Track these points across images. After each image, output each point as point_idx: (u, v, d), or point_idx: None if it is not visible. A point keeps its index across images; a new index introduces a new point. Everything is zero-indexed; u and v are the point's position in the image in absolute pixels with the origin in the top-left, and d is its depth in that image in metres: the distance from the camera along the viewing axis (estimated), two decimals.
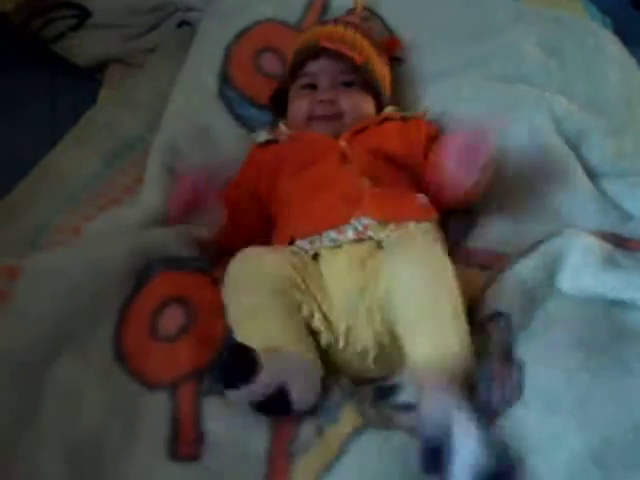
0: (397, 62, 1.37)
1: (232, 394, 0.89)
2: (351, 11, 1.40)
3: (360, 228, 1.05)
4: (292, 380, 0.88)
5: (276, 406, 0.89)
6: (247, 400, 0.88)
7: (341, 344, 0.99)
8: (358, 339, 0.99)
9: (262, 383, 0.86)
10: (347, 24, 1.30)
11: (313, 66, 1.26)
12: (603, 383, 0.89)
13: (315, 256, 1.05)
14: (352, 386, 0.98)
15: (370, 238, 1.05)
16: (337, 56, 1.24)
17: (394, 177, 1.16)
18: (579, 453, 0.82)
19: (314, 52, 1.26)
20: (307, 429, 0.91)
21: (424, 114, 1.30)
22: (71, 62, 1.63)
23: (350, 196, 1.09)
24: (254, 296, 0.98)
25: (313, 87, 1.26)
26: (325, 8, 1.47)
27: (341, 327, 0.99)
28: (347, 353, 1.00)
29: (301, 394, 0.89)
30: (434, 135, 1.24)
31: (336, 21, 1.32)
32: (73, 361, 0.94)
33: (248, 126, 1.34)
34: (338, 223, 1.06)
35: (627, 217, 1.22)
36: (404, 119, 1.26)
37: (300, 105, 1.25)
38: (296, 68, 1.27)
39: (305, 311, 0.99)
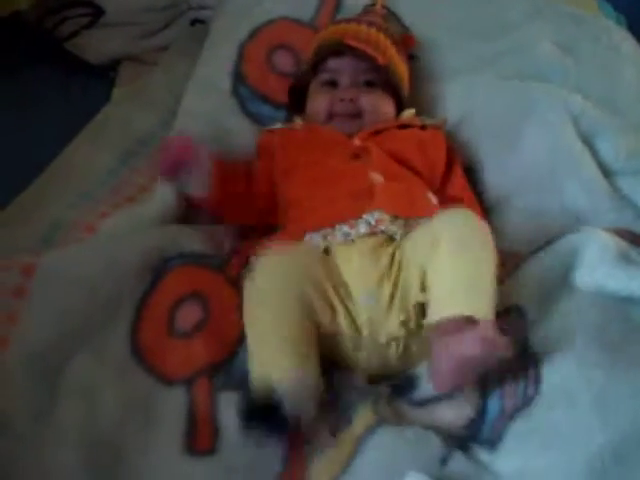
0: (412, 59, 1.37)
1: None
2: (369, 8, 1.39)
3: (373, 222, 1.05)
4: (287, 399, 0.87)
5: (269, 421, 0.88)
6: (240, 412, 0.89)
7: (364, 333, 0.99)
8: (382, 329, 0.99)
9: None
10: (371, 24, 1.29)
11: (335, 63, 1.25)
12: (620, 380, 0.89)
13: (326, 250, 1.05)
14: (367, 385, 0.98)
15: (382, 232, 1.05)
16: (361, 55, 1.24)
17: (406, 176, 1.16)
18: (599, 450, 0.82)
19: (338, 49, 1.25)
20: (322, 430, 0.92)
21: (443, 122, 1.30)
22: (84, 60, 1.63)
23: (362, 190, 1.09)
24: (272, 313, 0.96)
25: (334, 84, 1.25)
26: (338, 6, 1.47)
27: (362, 317, 0.99)
28: (370, 348, 1.00)
29: (295, 413, 0.88)
30: (449, 157, 1.23)
31: (360, 20, 1.32)
32: (90, 357, 0.95)
33: (261, 124, 1.33)
34: (350, 217, 1.06)
35: None
36: (423, 127, 1.25)
37: (320, 102, 1.24)
38: (318, 63, 1.27)
39: (325, 317, 0.98)
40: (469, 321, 0.89)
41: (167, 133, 1.31)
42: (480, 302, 0.92)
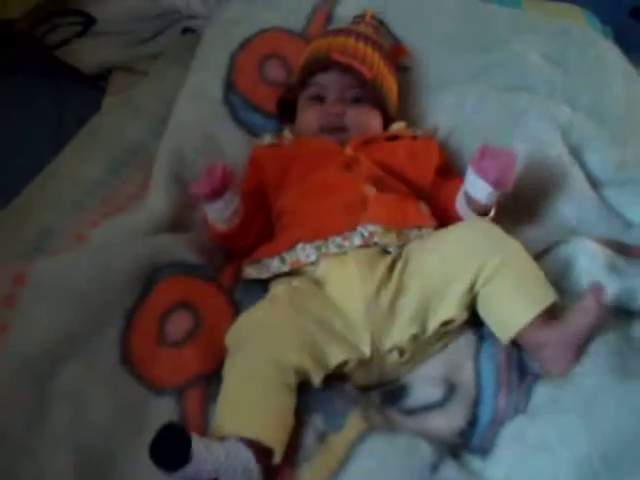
0: (402, 70, 1.38)
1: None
2: (359, 19, 1.40)
3: (366, 234, 1.05)
4: (225, 476, 0.84)
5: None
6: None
7: (367, 355, 0.98)
8: (386, 338, 0.99)
9: (192, 472, 0.82)
10: (359, 36, 1.30)
11: (322, 78, 1.26)
12: (609, 386, 0.91)
13: (316, 262, 1.05)
14: (357, 392, 0.99)
15: (375, 244, 1.05)
16: (347, 70, 1.24)
17: (397, 187, 1.16)
18: (587, 453, 0.84)
19: (325, 64, 1.26)
20: (311, 437, 0.92)
21: (434, 132, 1.31)
22: (76, 68, 1.64)
23: (355, 202, 1.10)
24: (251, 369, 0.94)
25: (321, 99, 1.26)
26: (329, 17, 1.47)
27: (365, 338, 0.99)
28: (371, 364, 1.00)
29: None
30: (444, 163, 1.25)
31: (349, 31, 1.32)
32: (81, 366, 0.95)
33: (253, 133, 1.34)
34: (344, 230, 1.06)
35: (629, 225, 1.23)
36: (415, 138, 1.26)
37: (309, 118, 1.25)
38: (305, 78, 1.28)
39: (331, 354, 0.97)
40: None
41: (158, 142, 1.32)
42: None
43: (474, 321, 1.03)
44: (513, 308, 0.98)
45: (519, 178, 1.25)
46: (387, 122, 1.29)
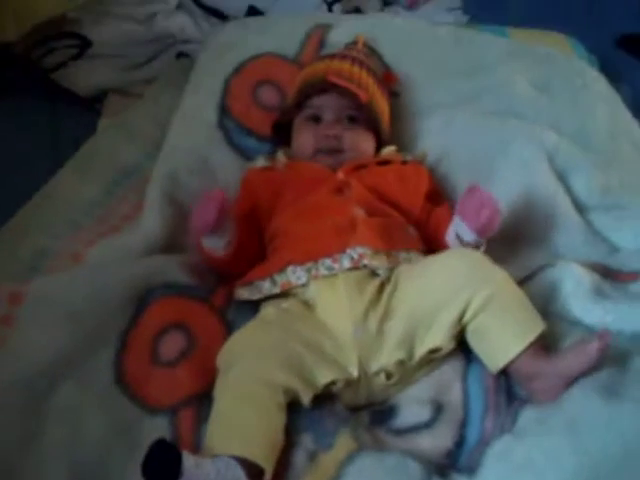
0: (393, 96, 1.40)
1: None
2: (351, 45, 1.42)
3: (355, 257, 1.07)
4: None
5: None
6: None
7: (355, 374, 1.00)
8: (373, 360, 1.01)
9: None
10: (354, 60, 1.32)
11: (319, 100, 1.28)
12: (595, 407, 0.91)
13: (306, 284, 1.07)
14: (347, 412, 1.00)
15: (365, 266, 1.07)
16: (344, 93, 1.27)
17: (387, 212, 1.18)
18: (573, 474, 0.84)
19: (322, 87, 1.28)
20: (301, 456, 0.93)
21: (423, 157, 1.33)
22: (71, 91, 1.66)
23: (345, 225, 1.12)
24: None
25: (317, 119, 1.28)
26: (322, 43, 1.50)
27: (353, 359, 1.00)
28: (359, 385, 1.01)
29: None
30: (433, 188, 1.27)
31: (344, 56, 1.35)
32: (75, 385, 0.96)
33: (246, 156, 1.36)
34: (333, 252, 1.08)
35: (614, 249, 1.25)
36: (404, 162, 1.28)
37: (305, 139, 1.27)
38: (302, 100, 1.30)
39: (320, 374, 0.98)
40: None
41: (152, 164, 1.34)
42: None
43: (462, 344, 1.04)
44: (502, 340, 0.99)
45: (505, 200, 1.27)
46: (379, 145, 1.31)
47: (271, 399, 0.93)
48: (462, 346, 1.04)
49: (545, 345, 1.00)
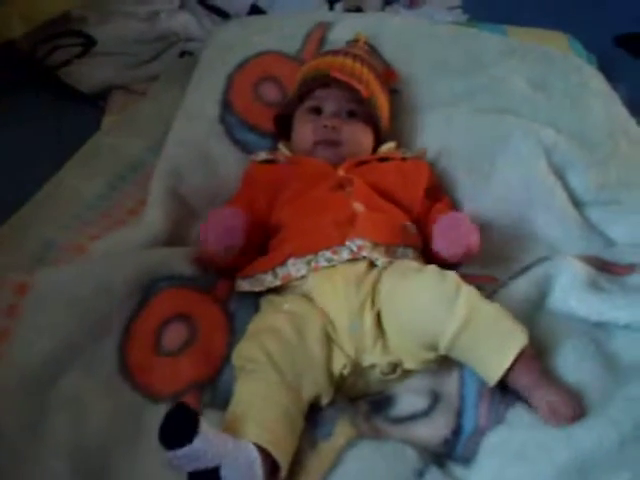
0: (392, 93, 1.41)
1: (167, 456, 0.84)
2: (351, 43, 1.44)
3: (355, 249, 1.08)
4: (228, 468, 0.84)
5: None
6: (178, 466, 0.85)
7: (348, 370, 1.01)
8: (367, 355, 1.02)
9: (196, 452, 0.83)
10: (356, 57, 1.34)
11: (321, 92, 1.30)
12: (588, 398, 0.93)
13: (306, 277, 1.08)
14: (346, 401, 1.02)
15: (364, 258, 1.09)
16: (346, 87, 1.28)
17: (387, 207, 1.20)
18: (566, 464, 0.86)
19: (324, 81, 1.30)
20: (301, 444, 0.94)
21: (423, 153, 1.34)
22: (76, 89, 1.68)
23: (344, 218, 1.13)
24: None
25: (318, 111, 1.30)
26: (323, 40, 1.52)
27: (350, 351, 1.02)
28: (356, 373, 1.03)
29: None
30: (433, 185, 1.29)
31: (346, 52, 1.36)
32: (80, 374, 0.97)
33: (248, 151, 1.37)
34: (333, 244, 1.09)
35: (610, 243, 1.27)
36: (404, 159, 1.30)
37: (305, 130, 1.29)
38: (304, 93, 1.31)
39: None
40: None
41: (156, 159, 1.36)
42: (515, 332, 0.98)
43: None
44: (487, 360, 0.97)
45: (503, 196, 1.29)
46: (378, 142, 1.33)
47: (298, 409, 0.96)
48: None
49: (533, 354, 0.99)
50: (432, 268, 1.04)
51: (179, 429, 0.83)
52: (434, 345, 0.99)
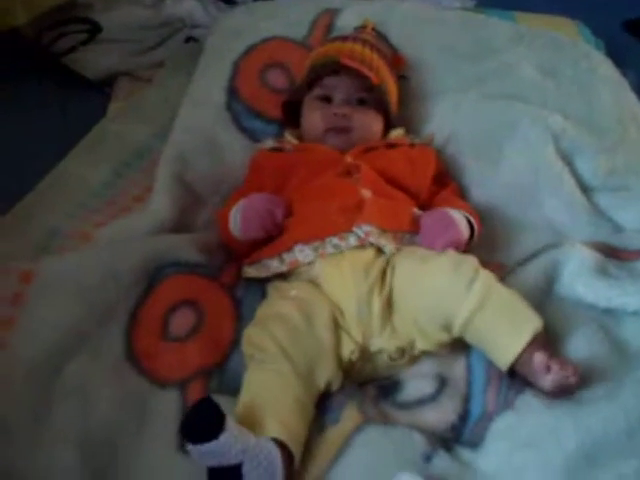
0: (400, 79, 1.40)
1: (190, 449, 0.84)
2: (359, 29, 1.43)
3: (362, 235, 1.08)
4: (250, 465, 0.84)
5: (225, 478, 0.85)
6: (200, 460, 0.85)
7: (356, 355, 1.01)
8: (375, 339, 1.02)
9: (220, 448, 0.82)
10: (365, 42, 1.33)
11: (331, 80, 1.29)
12: (596, 387, 0.94)
13: (313, 263, 1.08)
14: (354, 386, 1.02)
15: (371, 244, 1.08)
16: (356, 74, 1.27)
17: (394, 194, 1.20)
18: (575, 449, 0.86)
19: (334, 68, 1.29)
20: (310, 430, 0.94)
21: (431, 140, 1.34)
22: (81, 75, 1.67)
23: (351, 205, 1.13)
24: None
25: (327, 99, 1.29)
26: (330, 27, 1.51)
27: (358, 336, 1.02)
28: (365, 360, 1.03)
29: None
30: (440, 171, 1.28)
31: (355, 38, 1.35)
32: (86, 361, 0.98)
33: (254, 138, 1.37)
34: (340, 231, 1.09)
35: (618, 229, 1.26)
36: (412, 145, 1.29)
37: (315, 118, 1.28)
38: (313, 80, 1.30)
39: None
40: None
41: (162, 146, 1.35)
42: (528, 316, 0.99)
43: None
44: (500, 342, 0.98)
45: (511, 181, 1.28)
46: (387, 128, 1.32)
47: (311, 398, 0.96)
48: None
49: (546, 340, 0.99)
50: (451, 253, 1.05)
51: (205, 424, 0.83)
52: (449, 326, 1.00)
